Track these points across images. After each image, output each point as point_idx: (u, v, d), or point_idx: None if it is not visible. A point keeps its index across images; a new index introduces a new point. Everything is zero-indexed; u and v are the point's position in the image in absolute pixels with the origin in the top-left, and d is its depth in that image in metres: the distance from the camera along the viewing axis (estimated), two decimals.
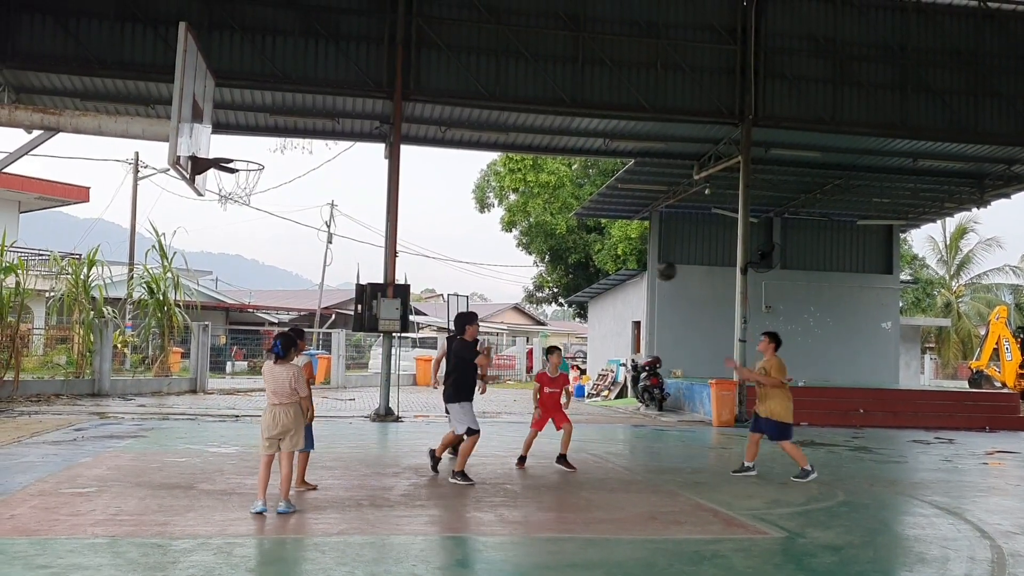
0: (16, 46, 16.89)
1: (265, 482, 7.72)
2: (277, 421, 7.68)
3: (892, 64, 19.82)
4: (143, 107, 18.88)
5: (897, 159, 22.39)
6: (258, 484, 7.75)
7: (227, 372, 31.36)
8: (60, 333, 25.49)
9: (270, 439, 7.69)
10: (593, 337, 34.68)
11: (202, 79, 10.30)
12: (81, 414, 16.40)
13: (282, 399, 7.73)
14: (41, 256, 30.31)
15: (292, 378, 7.73)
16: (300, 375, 7.82)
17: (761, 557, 6.67)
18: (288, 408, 7.73)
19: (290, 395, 7.73)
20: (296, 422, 7.75)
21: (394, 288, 17.65)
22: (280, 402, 7.73)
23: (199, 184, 10.45)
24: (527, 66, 18.50)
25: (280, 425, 7.68)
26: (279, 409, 7.72)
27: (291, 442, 7.73)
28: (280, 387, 7.73)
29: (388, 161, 18.52)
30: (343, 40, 17.94)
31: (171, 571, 5.67)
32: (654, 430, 17.46)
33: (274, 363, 7.82)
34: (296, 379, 7.75)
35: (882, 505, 9.38)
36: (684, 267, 26.47)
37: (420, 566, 6.04)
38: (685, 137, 21.27)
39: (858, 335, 27.21)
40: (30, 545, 6.23)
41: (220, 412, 17.93)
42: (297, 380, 7.75)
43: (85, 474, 9.39)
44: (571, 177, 36.42)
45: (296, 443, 7.77)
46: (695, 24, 19.16)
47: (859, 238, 28.17)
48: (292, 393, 7.73)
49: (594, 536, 7.24)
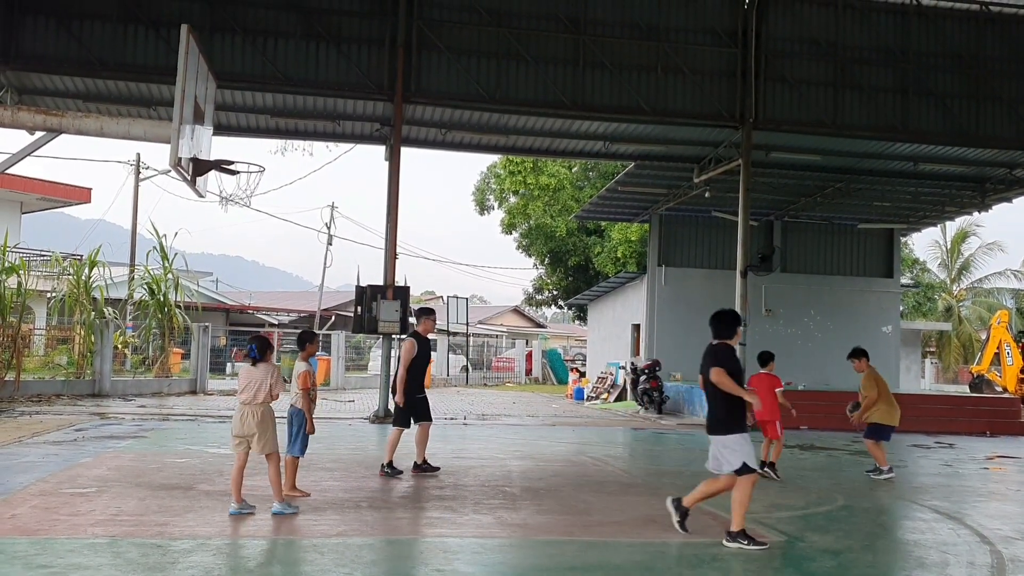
0: (20, 48, 16.92)
1: (237, 483, 7.59)
2: (244, 421, 7.58)
3: (893, 67, 19.84)
4: (145, 108, 18.92)
5: (898, 163, 22.40)
6: (231, 486, 7.68)
7: (227, 373, 31.35)
8: (61, 333, 25.50)
9: (237, 438, 7.61)
10: (593, 340, 34.70)
11: (204, 81, 10.32)
12: (82, 414, 16.43)
13: (251, 400, 7.60)
14: (43, 256, 30.31)
15: (268, 379, 7.59)
16: (277, 376, 7.69)
17: (760, 561, 6.67)
18: (256, 409, 7.59)
19: (262, 396, 7.58)
20: (263, 425, 7.59)
21: (394, 290, 17.66)
22: (249, 402, 7.60)
23: (200, 186, 10.46)
24: (528, 69, 18.53)
25: (246, 426, 7.56)
26: (247, 409, 7.59)
27: (259, 445, 7.57)
28: (251, 387, 7.60)
29: (388, 163, 18.55)
30: (344, 42, 17.97)
31: (171, 571, 5.68)
32: (654, 433, 17.47)
33: (251, 365, 7.72)
34: (274, 380, 7.62)
35: (882, 509, 9.39)
36: (684, 270, 26.52)
37: (419, 568, 6.05)
38: (685, 140, 21.29)
39: (858, 339, 26.82)
40: (30, 545, 6.24)
41: (220, 413, 17.92)
42: (275, 381, 7.62)
43: (85, 474, 9.40)
44: (571, 180, 36.45)
45: (265, 446, 7.59)
46: (696, 27, 19.19)
47: (860, 242, 28.18)
48: (264, 394, 7.58)
49: (593, 539, 7.25)
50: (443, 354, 36.77)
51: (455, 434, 15.21)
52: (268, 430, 7.63)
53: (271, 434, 7.65)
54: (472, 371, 37.69)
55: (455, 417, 19.19)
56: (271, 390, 7.60)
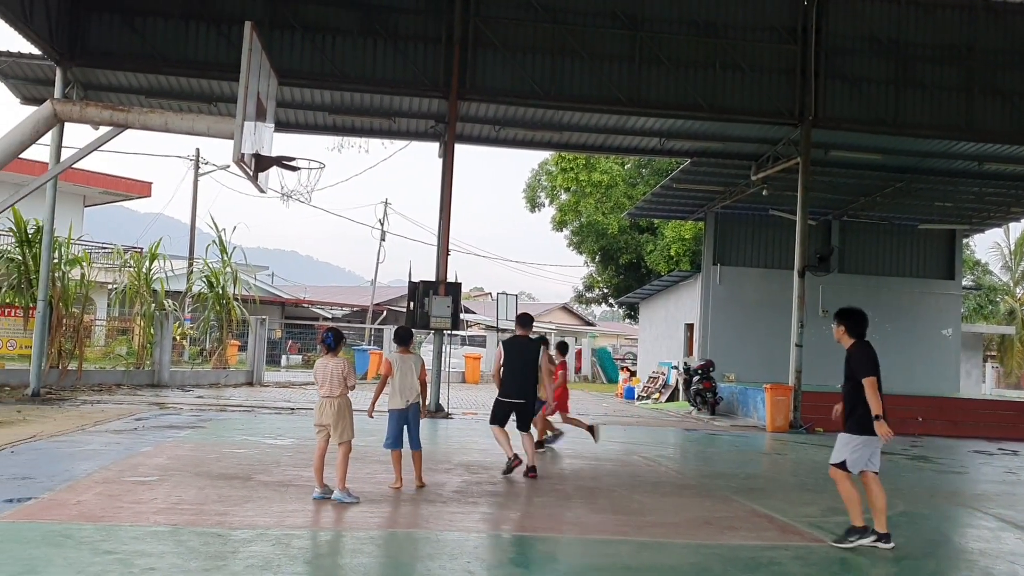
0: (85, 45, 17.31)
1: (318, 469, 8.01)
2: (322, 412, 7.99)
3: (958, 65, 19.36)
4: (206, 104, 19.24)
5: (961, 162, 21.85)
6: (313, 471, 8.08)
7: (282, 365, 31.82)
8: (122, 324, 26.07)
9: (318, 427, 8.03)
10: (644, 339, 34.47)
11: (266, 78, 10.45)
12: (141, 404, 16.78)
13: (328, 393, 7.94)
14: (104, 249, 30.99)
15: (340, 371, 7.95)
16: (349, 368, 8.03)
17: (819, 565, 6.57)
18: (333, 401, 7.96)
19: (338, 388, 7.91)
20: (339, 415, 7.93)
21: (446, 286, 17.73)
22: (327, 395, 7.98)
23: (261, 181, 10.60)
24: (583, 65, 18.45)
25: (324, 416, 7.96)
26: (325, 401, 8.00)
27: (337, 434, 7.93)
28: (327, 381, 7.95)
29: (442, 160, 18.62)
30: (401, 40, 18.07)
31: (231, 561, 5.77)
32: (707, 434, 17.30)
33: (326, 356, 8.06)
34: (347, 372, 7.97)
35: (943, 516, 9.19)
36: (739, 269, 26.22)
37: (474, 563, 6.06)
38: (743, 137, 21.03)
39: (917, 342, 26.62)
40: (96, 531, 6.39)
41: (276, 404, 18.20)
42: (347, 373, 7.98)
43: (146, 463, 9.60)
44: (624, 176, 36.22)
45: (342, 435, 7.94)
46: (755, 24, 18.93)
47: (920, 242, 27.60)
48: (339, 386, 7.92)
49: (647, 539, 7.19)
50: (492, 351, 36.87)
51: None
52: (343, 421, 7.97)
53: (345, 424, 7.98)
54: None
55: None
56: (345, 382, 7.94)
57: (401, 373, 8.58)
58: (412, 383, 8.58)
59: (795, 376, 18.50)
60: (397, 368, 8.59)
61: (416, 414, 8.66)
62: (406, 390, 8.57)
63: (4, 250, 21.37)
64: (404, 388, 8.56)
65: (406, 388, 8.57)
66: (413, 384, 8.58)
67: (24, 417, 13.51)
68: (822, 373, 20.40)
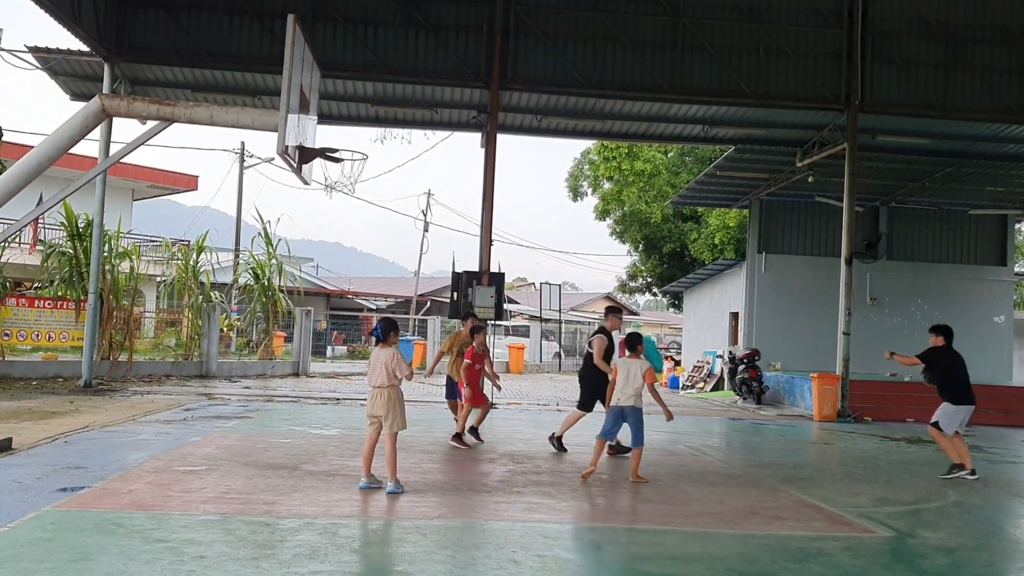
0: (132, 40, 17.59)
1: (367, 459, 8.12)
2: (373, 403, 8.05)
3: (1010, 46, 18.89)
4: (250, 98, 19.45)
5: (1014, 146, 21.32)
6: (362, 462, 8.20)
7: (327, 356, 32.10)
8: (170, 316, 26.52)
9: (370, 418, 8.09)
10: (688, 328, 34.21)
11: (309, 70, 10.50)
12: (190, 395, 17.06)
13: (378, 383, 7.99)
14: (153, 242, 31.54)
15: (391, 362, 7.98)
16: (399, 359, 8.04)
17: (869, 556, 6.47)
18: (383, 392, 8.01)
19: (389, 378, 7.95)
20: (389, 406, 7.97)
21: (489, 276, 17.74)
22: (376, 385, 8.03)
23: (305, 173, 10.66)
24: (625, 53, 18.31)
25: (375, 407, 8.02)
26: (376, 392, 8.05)
27: (388, 425, 7.98)
28: (378, 371, 8.01)
29: (484, 150, 18.62)
30: (442, 30, 18.08)
31: (279, 549, 5.84)
32: (752, 424, 17.14)
33: (377, 347, 8.12)
34: (395, 363, 7.99)
35: (997, 507, 9.00)
36: (785, 257, 25.88)
37: (520, 552, 6.06)
38: (788, 123, 20.73)
39: (969, 329, 25.94)
40: (147, 519, 6.50)
41: (322, 395, 18.39)
42: (396, 364, 7.99)
43: (195, 453, 9.76)
44: (667, 165, 35.91)
45: (392, 426, 7.97)
46: (799, 8, 18.64)
47: (971, 228, 27.00)
48: (390, 378, 7.97)
49: (694, 529, 7.14)
50: (536, 341, 36.85)
51: (549, 420, 15.20)
52: (394, 411, 8.01)
53: (395, 415, 8.02)
54: (564, 358, 37.65)
55: (548, 403, 19.23)
56: (395, 372, 7.99)
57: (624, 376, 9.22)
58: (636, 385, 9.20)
59: (843, 365, 18.27)
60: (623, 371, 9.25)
61: (634, 414, 9.21)
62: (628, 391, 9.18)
63: (56, 244, 21.83)
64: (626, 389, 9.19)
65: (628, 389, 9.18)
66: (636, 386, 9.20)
67: (77, 408, 13.80)
68: (870, 362, 20.11)
